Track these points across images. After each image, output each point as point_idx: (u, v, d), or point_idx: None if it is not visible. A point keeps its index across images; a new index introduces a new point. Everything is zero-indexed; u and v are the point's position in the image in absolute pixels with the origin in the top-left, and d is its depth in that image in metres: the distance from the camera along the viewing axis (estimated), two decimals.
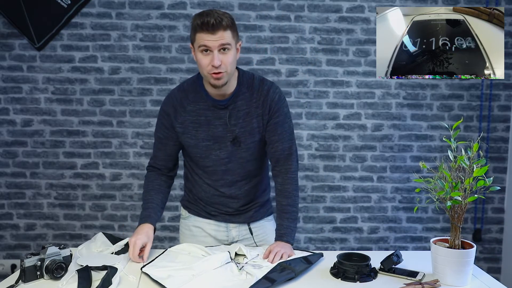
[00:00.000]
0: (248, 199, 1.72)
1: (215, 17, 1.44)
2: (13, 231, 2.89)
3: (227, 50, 1.49)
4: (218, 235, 1.75)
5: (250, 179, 1.70)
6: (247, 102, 1.61)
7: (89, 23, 2.77)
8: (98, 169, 2.87)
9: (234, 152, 1.63)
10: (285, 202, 1.63)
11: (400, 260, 1.46)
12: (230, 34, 1.48)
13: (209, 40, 1.45)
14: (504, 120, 2.91)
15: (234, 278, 1.38)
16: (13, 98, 2.81)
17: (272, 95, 1.61)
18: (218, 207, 1.73)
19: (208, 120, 1.60)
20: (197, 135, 1.61)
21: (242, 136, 1.61)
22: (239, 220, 1.74)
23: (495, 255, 2.99)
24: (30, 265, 1.34)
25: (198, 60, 1.50)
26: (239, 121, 1.60)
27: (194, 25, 1.48)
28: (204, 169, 1.68)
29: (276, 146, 1.64)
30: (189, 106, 1.61)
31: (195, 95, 1.61)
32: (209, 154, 1.63)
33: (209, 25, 1.43)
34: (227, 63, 1.49)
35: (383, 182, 2.93)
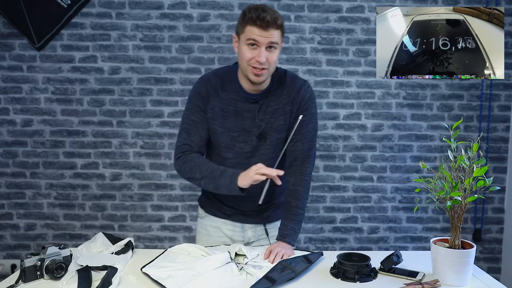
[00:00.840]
0: (265, 199, 1.68)
1: (271, 14, 1.45)
2: (13, 231, 2.89)
3: (274, 48, 1.49)
4: (234, 236, 1.74)
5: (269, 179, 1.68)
6: (277, 98, 1.60)
7: (89, 23, 2.77)
8: (98, 169, 2.87)
9: (258, 147, 1.62)
10: (294, 203, 1.63)
11: (400, 260, 1.46)
12: (280, 33, 1.49)
13: (260, 35, 1.45)
14: (504, 120, 2.91)
15: (234, 279, 1.38)
16: (13, 98, 2.81)
17: (303, 93, 1.60)
18: (234, 205, 1.70)
19: (237, 111, 1.59)
20: (225, 123, 1.59)
21: (268, 132, 1.60)
22: (255, 221, 1.73)
23: (495, 255, 2.99)
24: (30, 265, 1.34)
25: (242, 52, 1.49)
26: (267, 116, 1.59)
27: (246, 18, 1.46)
28: (225, 160, 1.64)
29: (296, 145, 1.61)
30: (222, 93, 1.59)
31: (229, 84, 1.60)
32: (233, 145, 1.61)
33: (264, 21, 1.44)
34: (271, 61, 1.50)
35: (383, 182, 2.93)
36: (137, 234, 2.91)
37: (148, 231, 2.92)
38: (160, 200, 2.90)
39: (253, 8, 1.47)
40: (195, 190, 2.88)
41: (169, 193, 2.89)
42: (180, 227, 2.93)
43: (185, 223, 2.92)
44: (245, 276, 1.39)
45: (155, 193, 2.90)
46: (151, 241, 2.92)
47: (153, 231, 2.92)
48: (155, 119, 2.85)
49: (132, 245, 1.62)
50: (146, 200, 2.90)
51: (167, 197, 2.90)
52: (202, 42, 2.80)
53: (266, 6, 1.49)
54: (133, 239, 1.65)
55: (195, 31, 2.79)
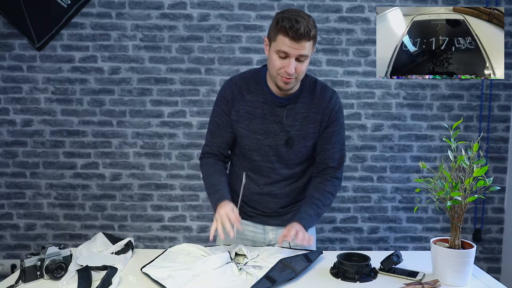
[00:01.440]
0: (287, 201, 1.69)
1: (305, 25, 1.40)
2: (13, 231, 2.89)
3: (304, 59, 1.46)
4: (255, 237, 1.73)
5: (293, 181, 1.67)
6: (306, 106, 1.59)
7: (89, 23, 2.77)
8: (98, 169, 2.87)
9: (284, 153, 1.60)
10: (318, 196, 1.61)
11: (400, 260, 1.46)
12: (311, 44, 1.46)
13: (291, 47, 1.42)
14: (504, 120, 2.91)
15: (234, 279, 1.37)
16: (13, 98, 2.81)
17: (334, 103, 1.60)
18: (256, 206, 1.70)
19: (263, 114, 1.58)
20: (250, 126, 1.59)
21: (296, 139, 1.59)
22: (277, 223, 1.71)
23: (495, 255, 2.99)
24: (30, 265, 1.34)
25: (272, 59, 1.47)
26: (296, 123, 1.58)
27: (279, 26, 1.42)
28: (250, 162, 1.64)
29: (327, 155, 1.63)
30: (247, 96, 1.59)
31: (256, 86, 1.59)
32: (258, 148, 1.60)
33: (297, 33, 1.39)
34: (300, 72, 1.48)
35: (383, 182, 2.93)
36: (137, 234, 2.91)
37: (148, 231, 2.92)
38: (160, 200, 2.90)
39: (287, 16, 1.41)
40: (195, 190, 2.88)
41: (169, 193, 2.89)
42: (180, 227, 2.93)
43: (185, 223, 2.92)
44: (245, 276, 1.39)
45: (155, 193, 2.90)
46: (151, 241, 2.92)
47: (153, 231, 2.92)
48: (155, 119, 2.85)
49: (132, 245, 1.62)
50: (146, 200, 2.90)
51: (167, 197, 2.90)
52: (202, 42, 2.80)
53: (300, 14, 1.43)
54: (133, 239, 1.65)
55: (195, 31, 2.79)
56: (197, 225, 2.92)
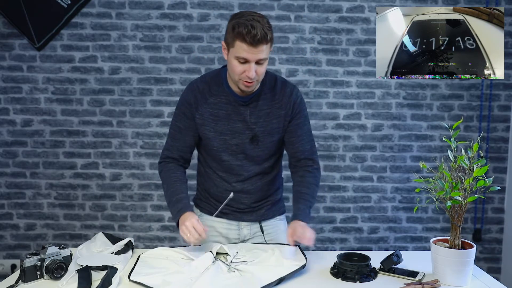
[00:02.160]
0: (260, 195, 1.72)
1: (261, 30, 1.41)
2: (13, 231, 2.89)
3: (263, 62, 1.50)
4: (229, 234, 1.75)
5: (264, 176, 1.70)
6: (268, 103, 1.62)
7: (89, 23, 2.77)
8: (98, 169, 2.87)
9: (250, 150, 1.64)
10: (304, 190, 1.63)
11: (400, 260, 1.46)
12: (269, 46, 1.48)
13: (250, 53, 1.44)
14: (504, 120, 2.91)
15: (228, 276, 1.38)
16: (13, 98, 2.81)
17: (295, 97, 1.64)
18: (230, 203, 1.71)
19: (228, 114, 1.61)
20: (216, 128, 1.61)
21: (261, 136, 1.62)
22: (251, 218, 1.74)
23: (495, 255, 2.99)
24: (30, 265, 1.34)
25: (232, 65, 1.49)
26: (260, 120, 1.61)
27: (236, 32, 1.43)
28: (219, 162, 1.67)
29: (296, 148, 1.66)
30: (210, 98, 1.61)
31: (217, 88, 1.61)
32: (226, 148, 1.63)
33: (254, 39, 1.41)
34: (260, 74, 1.51)
35: (383, 182, 2.93)
36: (137, 234, 2.91)
37: (148, 231, 2.92)
38: (160, 200, 2.90)
39: (242, 22, 1.42)
40: (194, 190, 2.88)
41: None
42: None
43: None
44: (239, 273, 1.39)
45: (155, 193, 2.90)
46: (151, 241, 2.92)
47: (153, 231, 2.92)
48: (155, 119, 2.85)
49: (132, 245, 1.62)
50: (146, 200, 2.90)
51: None
52: (202, 42, 2.80)
53: (255, 17, 1.44)
54: (133, 239, 1.66)
55: (195, 31, 2.79)
56: None
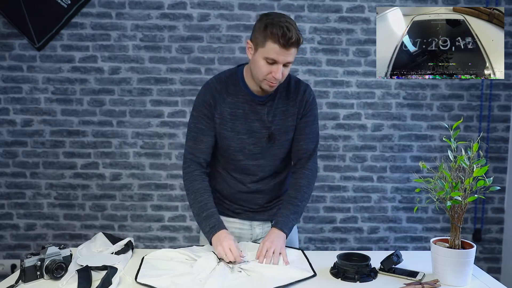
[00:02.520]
0: (273, 195, 1.73)
1: (295, 33, 1.43)
2: (13, 231, 2.89)
3: (290, 64, 1.51)
4: (242, 233, 1.74)
5: (277, 175, 1.71)
6: (284, 101, 1.63)
7: (89, 23, 2.77)
8: (98, 169, 2.87)
9: (267, 149, 1.63)
10: (293, 194, 1.64)
11: (400, 260, 1.46)
12: (297, 51, 1.50)
13: (280, 55, 1.45)
14: (504, 120, 2.91)
15: (237, 276, 1.38)
16: (13, 98, 2.81)
17: (308, 95, 1.65)
18: (243, 204, 1.71)
19: (245, 114, 1.60)
20: (234, 127, 1.61)
21: (277, 134, 1.62)
22: (263, 218, 1.74)
23: (495, 255, 2.99)
24: (30, 265, 1.34)
25: (259, 65, 1.48)
26: (276, 118, 1.62)
27: (270, 33, 1.42)
28: (235, 163, 1.66)
29: (301, 145, 1.66)
30: (228, 98, 1.60)
31: (235, 88, 1.61)
32: (243, 148, 1.62)
33: (288, 42, 1.42)
34: (285, 76, 1.52)
35: (383, 182, 2.93)
36: (137, 234, 2.91)
37: (148, 231, 2.92)
38: (160, 200, 2.90)
39: (278, 23, 1.42)
40: None
41: (169, 193, 2.89)
42: (180, 227, 2.93)
43: (185, 223, 2.92)
44: (246, 273, 1.40)
45: (155, 193, 2.90)
46: (151, 241, 2.92)
47: (153, 231, 2.92)
48: (155, 119, 2.85)
49: (132, 245, 1.62)
50: (146, 200, 2.90)
51: (167, 197, 2.90)
52: (202, 42, 2.80)
53: (288, 20, 1.44)
54: (133, 239, 1.65)
55: (195, 31, 2.79)
56: (197, 225, 2.92)
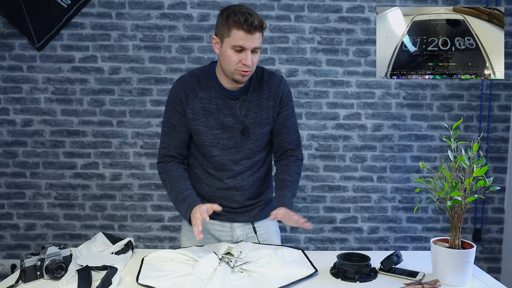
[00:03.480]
0: (252, 192, 1.70)
1: (257, 18, 1.46)
2: (13, 231, 2.89)
3: (257, 50, 1.52)
4: (222, 236, 1.73)
5: (255, 171, 1.70)
6: (257, 94, 1.63)
7: (89, 23, 2.77)
8: (98, 169, 2.87)
9: (242, 143, 1.63)
10: (289, 178, 1.65)
11: (400, 260, 1.46)
12: (262, 35, 1.52)
13: (247, 41, 1.46)
14: (504, 120, 2.91)
15: (239, 277, 1.38)
16: (13, 98, 2.81)
17: (283, 88, 1.66)
18: (223, 202, 1.68)
19: (218, 109, 1.60)
20: (207, 122, 1.61)
21: (252, 127, 1.62)
22: (244, 219, 1.73)
23: (495, 255, 2.99)
24: (30, 265, 1.34)
25: (228, 56, 1.50)
26: (249, 112, 1.61)
27: (232, 21, 1.45)
28: (210, 159, 1.65)
29: (284, 138, 1.68)
30: (200, 93, 1.61)
31: (207, 83, 1.61)
32: (217, 143, 1.62)
33: (252, 26, 1.44)
34: (255, 63, 1.54)
35: (383, 182, 2.93)
36: (137, 234, 2.91)
37: (148, 231, 2.92)
38: (160, 200, 2.90)
39: (239, 11, 1.46)
40: None
41: None
42: (180, 227, 2.92)
43: None
44: (248, 274, 1.39)
45: (155, 193, 2.90)
46: (151, 241, 2.92)
47: (153, 231, 2.92)
48: (155, 119, 2.85)
49: (132, 245, 1.62)
50: (146, 200, 2.90)
51: (167, 197, 2.90)
52: (202, 42, 2.80)
53: (248, 8, 1.48)
54: (133, 239, 1.65)
55: (195, 31, 2.79)
56: None
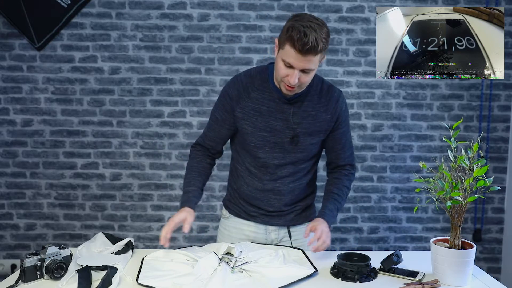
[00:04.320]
0: (290, 198, 1.68)
1: (313, 39, 1.35)
2: (13, 231, 2.89)
3: (310, 71, 1.45)
4: (257, 238, 1.71)
5: (298, 178, 1.67)
6: (314, 105, 1.59)
7: (89, 23, 2.77)
8: (98, 169, 2.87)
9: (289, 150, 1.60)
10: (336, 191, 1.68)
11: (400, 260, 1.46)
12: (319, 57, 1.43)
13: (296, 60, 1.39)
14: (504, 120, 2.91)
15: (239, 277, 1.38)
16: (13, 98, 2.81)
17: (341, 103, 1.63)
18: (259, 204, 1.67)
19: (270, 111, 1.57)
20: (256, 123, 1.58)
21: (302, 136, 1.59)
22: (279, 223, 1.69)
23: (495, 255, 2.99)
24: (30, 265, 1.34)
25: (278, 66, 1.45)
26: (303, 121, 1.58)
27: (288, 35, 1.38)
28: (255, 159, 1.63)
29: (339, 154, 1.69)
30: (253, 93, 1.58)
31: (262, 83, 1.58)
32: (264, 145, 1.59)
33: (304, 47, 1.35)
34: (304, 82, 1.47)
35: (383, 182, 2.93)
36: (137, 234, 2.91)
37: (148, 231, 2.92)
38: (160, 200, 2.90)
39: (297, 26, 1.36)
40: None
41: (169, 193, 2.89)
42: (180, 227, 2.92)
43: None
44: (248, 274, 1.39)
45: (155, 193, 2.90)
46: (151, 241, 2.92)
47: (153, 231, 2.92)
48: (155, 119, 2.85)
49: (132, 245, 1.62)
50: (146, 200, 2.90)
51: (167, 197, 2.90)
52: (202, 42, 2.80)
53: (312, 25, 1.37)
54: (133, 239, 1.65)
55: (195, 31, 2.79)
56: (197, 225, 2.92)
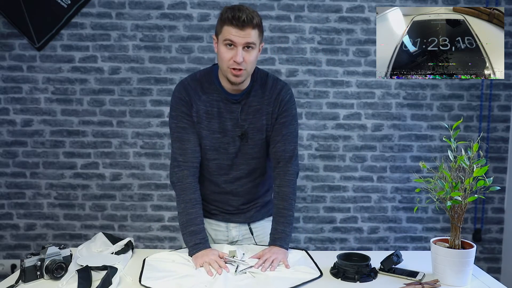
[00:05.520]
0: (248, 198, 1.70)
1: (247, 13, 1.45)
2: (13, 231, 2.89)
3: (251, 48, 1.48)
4: (218, 235, 1.73)
5: (253, 178, 1.68)
6: (259, 99, 1.60)
7: (89, 23, 2.77)
8: (98, 169, 2.87)
9: (241, 148, 1.61)
10: (282, 205, 1.61)
11: (400, 260, 1.46)
12: (257, 33, 1.49)
13: (236, 35, 1.45)
14: (504, 120, 2.91)
15: (242, 278, 1.38)
16: (13, 98, 2.81)
17: (283, 94, 1.62)
18: (218, 204, 1.71)
19: (220, 112, 1.59)
20: (210, 126, 1.60)
21: (251, 132, 1.60)
22: (239, 220, 1.72)
23: (495, 255, 2.99)
24: (30, 265, 1.34)
25: (221, 53, 1.50)
26: (249, 117, 1.60)
27: (223, 18, 1.46)
28: (209, 162, 1.64)
29: (278, 147, 1.61)
30: (203, 96, 1.59)
31: (209, 86, 1.60)
32: (218, 147, 1.61)
33: (239, 20, 1.43)
34: (248, 61, 1.49)
35: (383, 182, 2.93)
36: (137, 234, 2.91)
37: (148, 231, 2.92)
38: (160, 200, 2.90)
39: (230, 8, 1.47)
40: None
41: (169, 193, 2.89)
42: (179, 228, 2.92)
43: None
44: (251, 275, 1.39)
45: (155, 193, 2.90)
46: (151, 241, 2.92)
47: (153, 231, 2.92)
48: (155, 119, 2.85)
49: (132, 245, 1.62)
50: (146, 200, 2.90)
51: (167, 197, 2.90)
52: (202, 42, 2.80)
53: (243, 6, 1.49)
54: (133, 239, 1.66)
55: (195, 31, 2.79)
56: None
